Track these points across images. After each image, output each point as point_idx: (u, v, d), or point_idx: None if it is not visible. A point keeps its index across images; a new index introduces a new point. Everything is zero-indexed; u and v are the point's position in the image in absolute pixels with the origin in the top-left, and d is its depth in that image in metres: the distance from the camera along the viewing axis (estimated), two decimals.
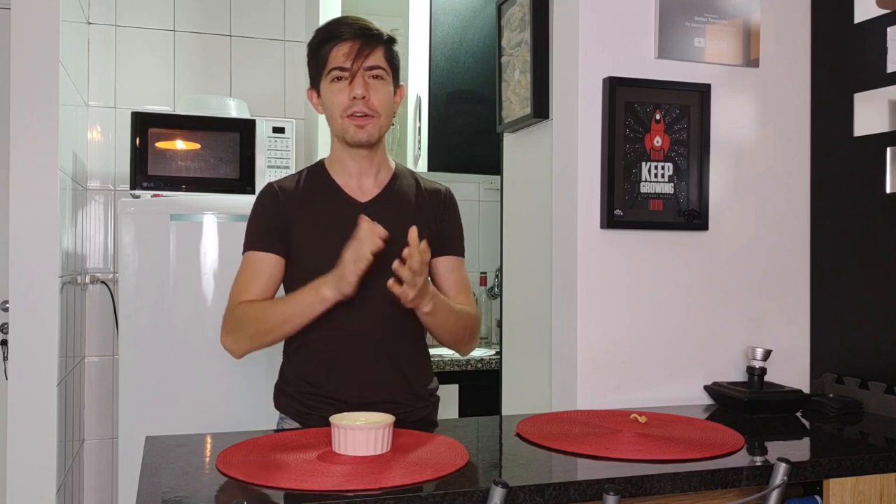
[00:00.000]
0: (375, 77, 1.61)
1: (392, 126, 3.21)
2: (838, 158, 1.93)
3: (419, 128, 2.96)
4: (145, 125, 2.65)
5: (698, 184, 1.89)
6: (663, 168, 1.87)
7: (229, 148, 2.72)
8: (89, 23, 2.98)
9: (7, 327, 2.27)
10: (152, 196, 2.62)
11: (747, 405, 1.76)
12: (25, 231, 2.24)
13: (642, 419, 1.61)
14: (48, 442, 2.27)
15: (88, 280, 2.89)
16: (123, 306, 2.49)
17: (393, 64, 1.66)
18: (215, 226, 2.53)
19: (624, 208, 1.84)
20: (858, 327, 1.87)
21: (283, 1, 3.21)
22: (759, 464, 1.37)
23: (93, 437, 2.98)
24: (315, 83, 1.67)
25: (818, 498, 1.43)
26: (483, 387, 2.76)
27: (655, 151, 1.86)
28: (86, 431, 2.97)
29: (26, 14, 2.23)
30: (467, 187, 3.42)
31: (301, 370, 1.66)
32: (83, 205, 2.93)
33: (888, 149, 1.78)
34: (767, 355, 1.83)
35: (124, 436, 2.46)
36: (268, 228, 1.65)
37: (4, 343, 2.49)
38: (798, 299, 2.00)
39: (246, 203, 2.60)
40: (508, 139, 2.29)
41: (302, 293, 1.55)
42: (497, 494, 1.15)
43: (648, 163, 1.86)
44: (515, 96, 2.13)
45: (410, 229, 1.46)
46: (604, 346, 1.84)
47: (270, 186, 1.70)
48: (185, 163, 2.68)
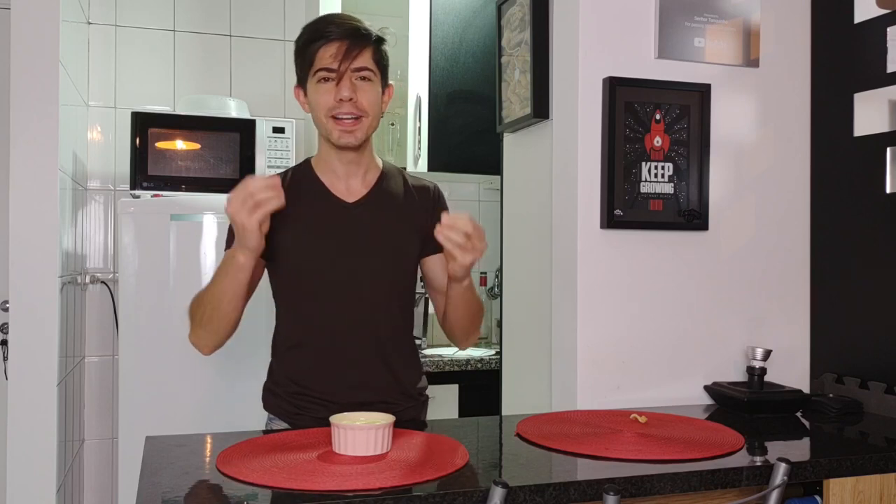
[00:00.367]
0: (363, 78, 1.59)
1: (392, 126, 3.24)
2: (838, 158, 1.93)
3: (419, 128, 2.96)
4: (145, 125, 2.65)
5: (698, 184, 1.89)
6: (663, 168, 1.87)
7: (229, 148, 2.72)
8: (89, 23, 2.98)
9: (7, 327, 2.28)
10: (152, 196, 2.62)
11: (747, 405, 1.76)
12: (25, 231, 2.24)
13: (642, 419, 1.61)
14: (48, 442, 2.27)
15: (88, 280, 2.89)
16: (123, 306, 2.49)
17: (381, 64, 1.63)
18: (215, 226, 2.53)
19: (624, 208, 1.84)
20: (858, 327, 1.87)
21: (283, 1, 3.21)
22: (759, 464, 1.37)
23: (93, 437, 2.98)
24: (302, 82, 1.65)
25: (818, 498, 1.43)
26: (483, 387, 2.76)
27: (655, 151, 1.86)
28: (86, 431, 2.97)
29: (26, 14, 2.23)
30: (467, 187, 3.42)
31: (291, 370, 1.65)
32: (83, 205, 2.93)
33: (888, 149, 1.78)
34: (767, 355, 1.83)
35: (124, 436, 2.46)
36: None
37: (4, 343, 2.49)
38: (798, 299, 2.00)
39: None
40: (508, 139, 2.29)
41: (223, 265, 1.52)
42: (497, 494, 1.15)
43: (648, 163, 1.86)
44: (515, 96, 2.13)
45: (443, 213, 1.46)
46: (604, 346, 1.84)
47: None
48: (185, 163, 2.68)
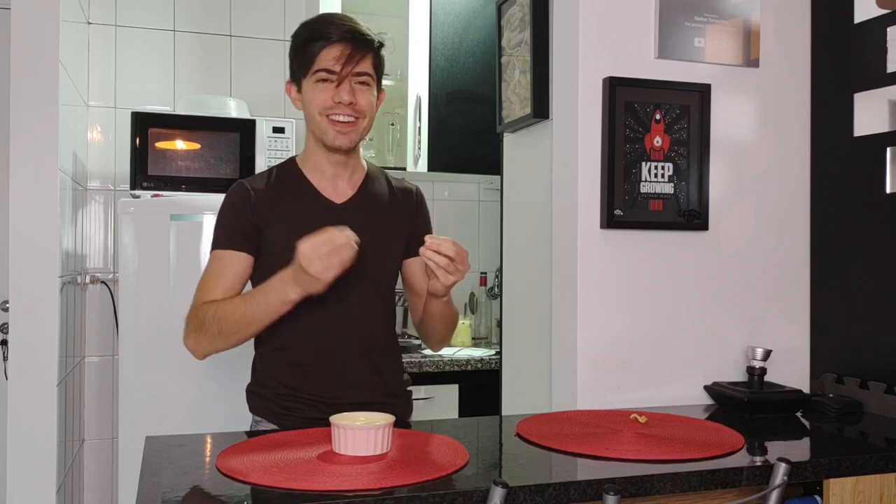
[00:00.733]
0: (362, 83, 1.59)
1: (392, 126, 3.24)
2: (838, 158, 1.93)
3: (419, 128, 2.96)
4: (145, 125, 2.65)
5: (698, 184, 1.89)
6: (663, 168, 1.87)
7: (229, 148, 2.72)
8: (89, 23, 2.98)
9: (7, 327, 2.27)
10: (152, 196, 2.62)
11: (747, 405, 1.76)
12: (25, 231, 2.24)
13: (642, 419, 1.61)
14: (48, 442, 2.27)
15: (88, 280, 2.89)
16: (123, 306, 2.49)
17: (379, 70, 1.64)
18: None
19: (624, 208, 1.84)
20: (858, 327, 1.87)
21: (283, 1, 3.21)
22: (759, 464, 1.37)
23: (93, 437, 2.98)
24: (296, 78, 1.63)
25: (818, 498, 1.43)
26: (483, 387, 2.76)
27: (655, 151, 1.86)
28: (86, 431, 2.97)
29: (26, 14, 2.23)
30: (467, 187, 3.42)
31: (276, 372, 1.64)
32: (83, 205, 2.93)
33: (888, 149, 1.78)
34: (767, 355, 1.83)
35: (124, 436, 2.46)
36: (236, 227, 1.61)
37: (4, 343, 2.49)
38: (798, 299, 2.00)
39: None
40: (508, 139, 2.29)
41: (265, 294, 1.50)
42: (497, 494, 1.15)
43: (648, 163, 1.86)
44: (515, 96, 2.13)
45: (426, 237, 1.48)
46: (604, 346, 1.84)
47: (241, 185, 1.65)
48: (185, 163, 2.68)
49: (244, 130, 2.73)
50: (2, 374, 2.65)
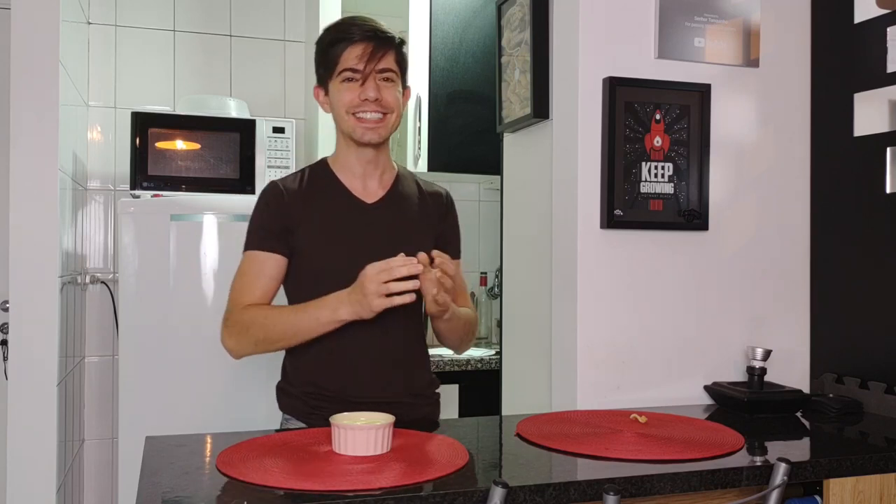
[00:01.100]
0: (386, 79, 1.61)
1: None
2: (838, 158, 1.93)
3: (419, 128, 2.96)
4: (145, 125, 2.65)
5: (698, 184, 1.89)
6: (663, 168, 1.87)
7: (229, 148, 2.72)
8: (89, 23, 2.98)
9: (7, 327, 2.27)
10: (152, 196, 2.62)
11: (747, 405, 1.76)
12: (25, 231, 2.24)
13: (642, 419, 1.61)
14: (48, 442, 2.27)
15: (88, 280, 2.89)
16: (123, 306, 2.49)
17: (402, 66, 1.66)
18: (215, 226, 2.53)
19: (624, 208, 1.84)
20: (858, 327, 1.87)
21: (283, 1, 3.21)
22: (759, 464, 1.37)
23: (93, 437, 2.98)
24: (323, 82, 1.66)
25: (818, 498, 1.43)
26: (483, 387, 2.76)
27: (655, 151, 1.86)
28: (86, 431, 2.97)
29: (26, 14, 2.23)
30: (467, 187, 3.42)
31: (304, 370, 1.66)
32: (83, 205, 2.93)
33: (888, 149, 1.78)
34: (767, 355, 1.83)
35: (124, 436, 2.46)
36: (270, 228, 1.64)
37: (4, 343, 2.49)
38: (798, 299, 2.00)
39: (246, 203, 2.61)
40: (508, 139, 2.29)
41: (317, 309, 1.53)
42: (497, 494, 1.15)
43: (648, 163, 1.86)
44: (515, 96, 2.13)
45: (419, 254, 1.47)
46: (604, 346, 1.84)
47: (274, 185, 1.69)
48: (185, 163, 2.68)
49: (244, 130, 2.73)
50: (2, 374, 2.65)
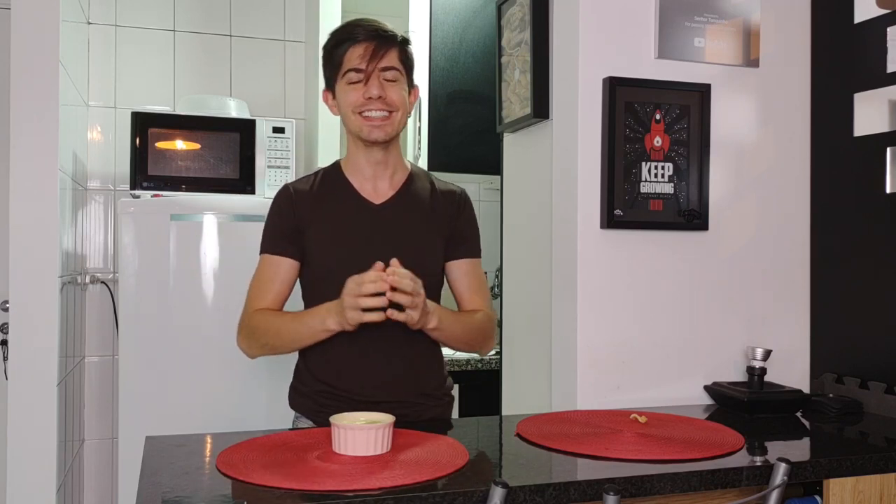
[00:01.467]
0: (389, 79, 1.62)
1: None
2: (838, 158, 1.93)
3: (419, 128, 2.96)
4: (145, 125, 2.65)
5: (698, 184, 1.89)
6: (663, 168, 1.87)
7: (229, 148, 2.72)
8: (89, 23, 2.98)
9: (7, 327, 2.27)
10: (152, 196, 2.62)
11: (747, 405, 1.76)
12: (25, 231, 2.24)
13: (642, 419, 1.61)
14: (48, 442, 2.27)
15: (88, 280, 2.89)
16: (123, 306, 2.49)
17: (407, 64, 1.66)
18: (215, 226, 2.53)
19: (624, 208, 1.84)
20: (858, 327, 1.87)
21: (283, 1, 3.21)
22: (759, 464, 1.37)
23: (93, 437, 2.98)
24: (330, 84, 1.68)
25: (818, 498, 1.43)
26: (483, 387, 2.76)
27: (655, 151, 1.86)
28: (86, 431, 2.97)
29: (26, 14, 2.23)
30: (467, 187, 3.36)
31: (315, 369, 1.67)
32: (83, 205, 2.93)
33: (888, 149, 1.78)
34: (767, 355, 1.83)
35: (124, 436, 2.46)
36: (282, 231, 1.66)
37: (4, 343, 2.49)
38: (798, 299, 2.00)
39: (246, 203, 2.62)
40: (508, 139, 2.29)
41: (310, 318, 1.57)
42: (497, 494, 1.15)
43: (648, 163, 1.86)
44: (515, 96, 2.13)
45: (392, 260, 1.48)
46: (604, 346, 1.84)
47: (285, 188, 1.71)
48: (185, 163, 2.68)
49: (244, 130, 2.73)
50: (2, 374, 2.65)
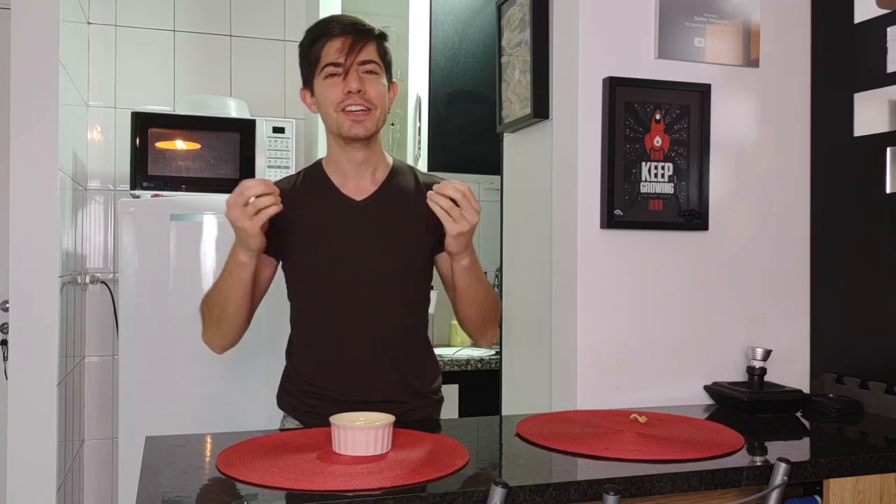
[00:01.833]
0: (369, 72, 1.59)
1: (392, 126, 3.24)
2: (838, 158, 1.93)
3: (419, 128, 2.96)
4: (145, 125, 2.65)
5: (698, 184, 1.89)
6: (663, 168, 1.87)
7: (229, 148, 2.72)
8: (89, 23, 2.98)
9: (7, 327, 2.27)
10: (152, 196, 2.62)
11: (747, 405, 1.76)
12: (25, 231, 2.24)
13: (642, 419, 1.61)
14: (48, 442, 2.27)
15: (88, 280, 2.89)
16: (123, 306, 2.49)
17: (385, 59, 1.64)
18: (215, 226, 2.53)
19: (624, 208, 1.84)
20: (858, 327, 1.87)
21: (283, 1, 3.21)
22: (759, 464, 1.37)
23: (93, 437, 2.98)
24: (308, 82, 1.65)
25: (818, 498, 1.43)
26: (483, 387, 2.76)
27: (655, 151, 1.86)
28: (86, 431, 2.97)
29: (26, 14, 2.23)
30: None
31: (302, 369, 1.67)
32: (83, 205, 2.93)
33: (888, 149, 1.78)
34: (767, 355, 1.83)
35: (124, 436, 2.46)
36: None
37: (4, 343, 2.49)
38: (798, 299, 2.00)
39: None
40: (508, 139, 2.29)
41: (226, 265, 1.56)
42: (497, 494, 1.15)
43: (648, 163, 1.86)
44: (515, 96, 2.13)
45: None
46: (604, 346, 1.84)
47: None
48: (185, 163, 2.68)
49: (244, 130, 2.73)
50: (2, 374, 2.65)
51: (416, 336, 1.70)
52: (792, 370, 1.97)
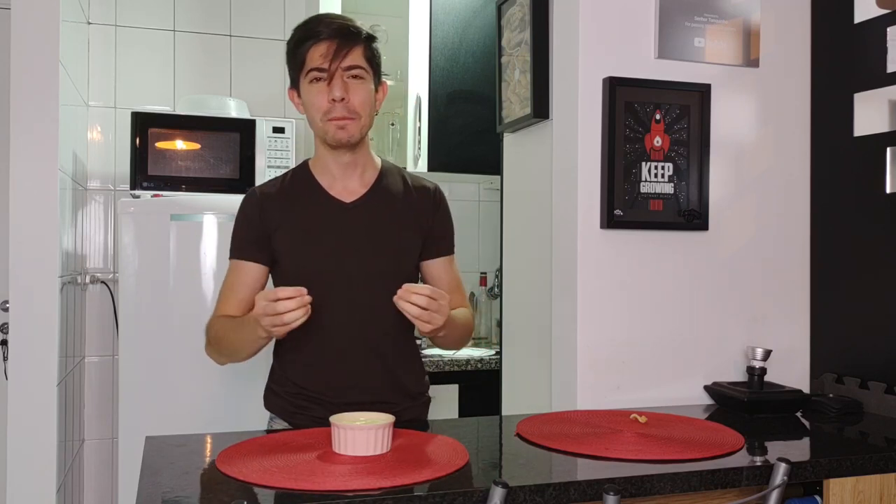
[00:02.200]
0: (354, 77, 1.58)
1: (392, 126, 3.24)
2: (838, 158, 1.93)
3: (419, 128, 2.96)
4: (145, 125, 2.65)
5: (698, 184, 1.89)
6: (663, 168, 1.87)
7: (229, 148, 2.72)
8: (89, 23, 2.98)
9: (7, 327, 2.27)
10: (152, 196, 2.62)
11: (747, 405, 1.76)
12: (25, 231, 2.24)
13: (642, 419, 1.61)
14: (48, 442, 2.27)
15: (88, 280, 2.89)
16: (123, 306, 2.49)
17: (373, 62, 1.62)
18: (215, 226, 2.53)
19: (624, 208, 1.84)
20: (858, 327, 1.87)
21: (283, 1, 3.21)
22: (759, 464, 1.37)
23: (93, 437, 2.98)
24: (295, 82, 1.64)
25: (818, 498, 1.43)
26: (483, 387, 2.76)
27: (655, 151, 1.86)
28: (86, 431, 2.97)
29: (26, 14, 2.23)
30: (467, 187, 3.42)
31: (290, 371, 1.66)
32: (83, 205, 2.93)
33: (888, 149, 1.78)
34: (767, 355, 1.83)
35: (124, 436, 2.46)
36: (248, 237, 1.64)
37: (4, 343, 2.49)
38: (798, 299, 2.00)
39: None
40: (508, 139, 2.29)
41: (244, 326, 1.53)
42: (497, 494, 1.15)
43: (648, 163, 1.86)
44: (515, 96, 2.13)
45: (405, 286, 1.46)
46: (604, 346, 1.84)
47: (252, 192, 1.69)
48: (185, 163, 2.68)
49: (244, 130, 2.73)
50: (2, 374, 2.65)
51: (405, 337, 1.71)
52: (792, 370, 1.97)
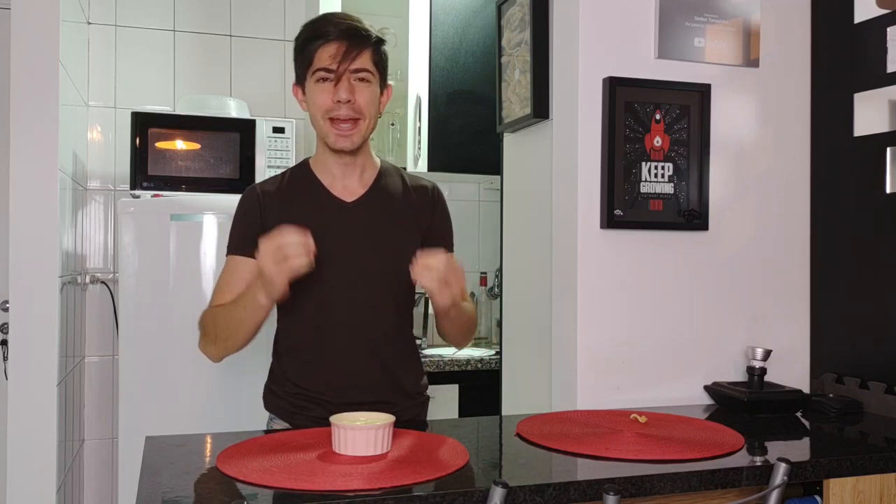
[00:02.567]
0: (361, 80, 1.58)
1: (392, 126, 3.24)
2: (838, 158, 1.93)
3: (419, 128, 2.96)
4: (145, 125, 2.65)
5: (698, 184, 1.89)
6: (663, 168, 1.87)
7: (229, 148, 2.72)
8: (89, 23, 2.98)
9: (7, 327, 2.27)
10: (152, 196, 2.62)
11: (747, 405, 1.76)
12: (25, 231, 2.24)
13: (642, 419, 1.61)
14: (48, 442, 2.27)
15: (88, 280, 2.89)
16: (123, 306, 2.49)
17: (380, 65, 1.62)
18: (215, 226, 2.53)
19: (624, 208, 1.84)
20: (858, 327, 1.87)
21: (283, 1, 3.21)
22: (759, 464, 1.37)
23: (93, 437, 2.98)
24: (300, 80, 1.65)
25: (818, 498, 1.43)
26: (483, 387, 2.76)
27: (655, 151, 1.86)
28: (86, 431, 2.97)
29: (26, 14, 2.23)
30: (467, 187, 3.42)
31: (289, 370, 1.66)
32: (83, 205, 2.93)
33: (888, 149, 1.78)
34: (767, 355, 1.83)
35: (124, 436, 2.46)
36: (246, 233, 1.63)
37: (4, 343, 2.49)
38: (798, 299, 2.00)
39: None
40: (508, 139, 2.29)
41: (244, 297, 1.52)
42: (497, 494, 1.15)
43: (648, 163, 1.86)
44: (515, 96, 2.13)
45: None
46: (604, 346, 1.84)
47: (252, 189, 1.69)
48: (185, 163, 2.68)
49: (244, 130, 2.73)
50: (2, 374, 2.65)
51: (404, 336, 1.71)
52: (792, 370, 1.97)
